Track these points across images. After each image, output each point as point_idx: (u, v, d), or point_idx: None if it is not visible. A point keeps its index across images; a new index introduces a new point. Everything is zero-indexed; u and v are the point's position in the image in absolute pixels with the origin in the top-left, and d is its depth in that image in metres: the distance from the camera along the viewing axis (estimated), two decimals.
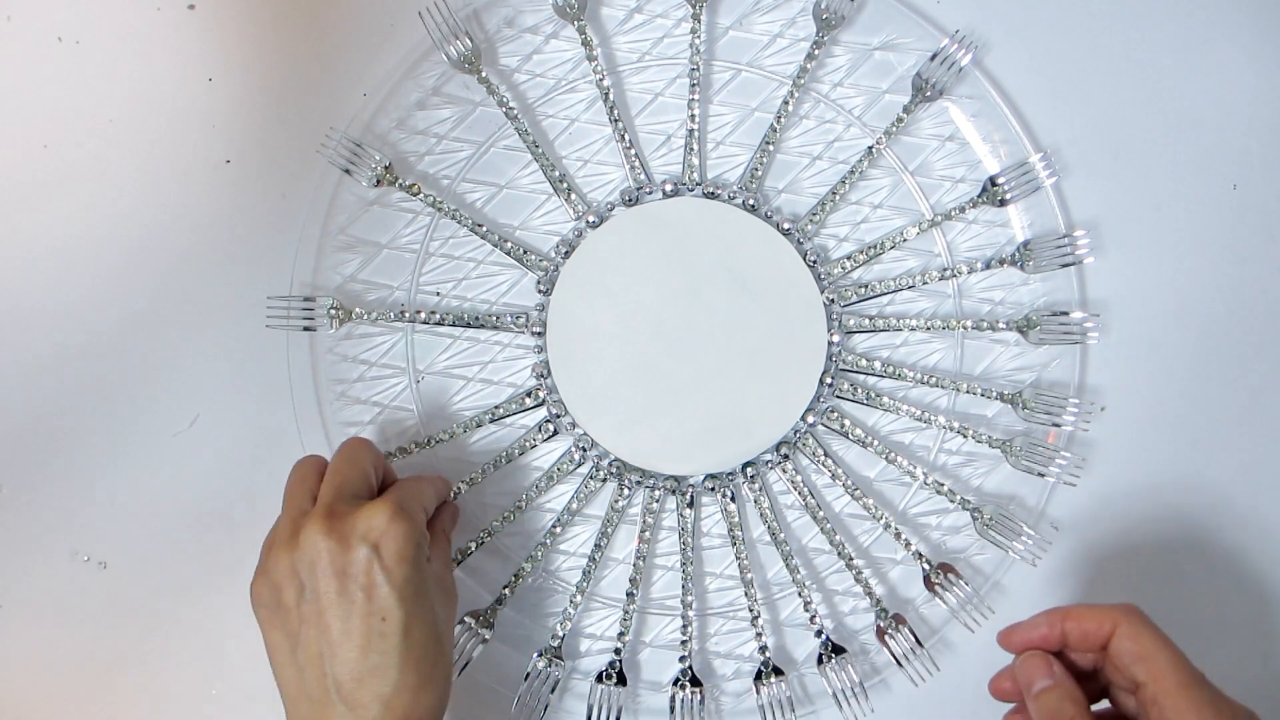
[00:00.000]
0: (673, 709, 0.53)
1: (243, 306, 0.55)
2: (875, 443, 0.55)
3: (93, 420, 0.55)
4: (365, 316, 0.54)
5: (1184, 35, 0.58)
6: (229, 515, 0.55)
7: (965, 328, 0.56)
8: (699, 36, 0.56)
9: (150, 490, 0.55)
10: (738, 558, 0.54)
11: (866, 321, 0.56)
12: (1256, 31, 0.59)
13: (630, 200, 0.56)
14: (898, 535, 0.54)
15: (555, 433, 0.55)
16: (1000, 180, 0.56)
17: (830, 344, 0.55)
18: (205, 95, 0.57)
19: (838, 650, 0.53)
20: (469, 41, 0.55)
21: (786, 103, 0.56)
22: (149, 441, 0.55)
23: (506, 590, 0.54)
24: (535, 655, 0.53)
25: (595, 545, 0.54)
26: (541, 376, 0.55)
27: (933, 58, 0.56)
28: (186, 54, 0.57)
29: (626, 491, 0.55)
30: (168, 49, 0.57)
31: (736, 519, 0.55)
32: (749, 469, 0.55)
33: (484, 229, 0.55)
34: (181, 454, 0.55)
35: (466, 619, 0.53)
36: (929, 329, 0.56)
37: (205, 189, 0.56)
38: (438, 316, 0.55)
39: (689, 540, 0.54)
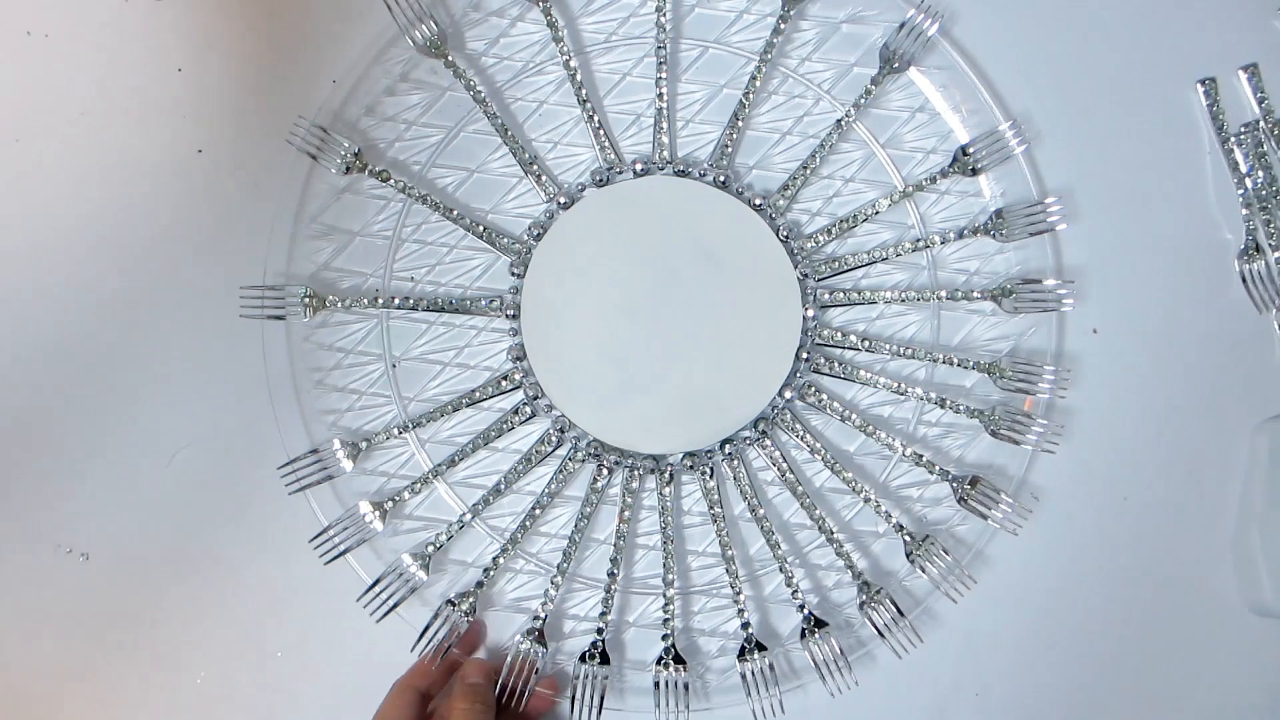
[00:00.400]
0: (657, 686, 0.53)
1: (218, 295, 0.55)
2: (854, 416, 0.55)
3: (72, 412, 0.56)
4: (339, 304, 0.54)
5: None
6: (210, 505, 0.55)
7: (940, 298, 0.56)
8: (665, 15, 0.55)
9: (131, 482, 0.55)
10: (719, 535, 0.54)
11: (841, 295, 0.56)
12: None
13: (601, 181, 0.55)
14: (878, 508, 0.54)
15: (533, 415, 0.55)
16: (971, 150, 0.56)
17: (805, 319, 0.55)
18: (175, 86, 0.57)
19: (820, 624, 0.53)
20: (434, 26, 0.55)
21: (754, 79, 0.56)
22: (129, 433, 0.55)
23: (488, 573, 0.54)
24: (518, 638, 0.53)
25: (575, 527, 0.54)
26: (517, 359, 0.55)
27: (899, 29, 0.56)
28: (156, 45, 0.57)
29: (605, 472, 0.55)
30: (137, 40, 0.57)
31: (716, 496, 0.55)
32: (727, 446, 0.55)
33: (455, 214, 0.55)
34: (161, 444, 0.55)
35: (449, 603, 0.53)
36: (904, 301, 0.56)
37: (177, 179, 0.56)
38: (411, 302, 0.55)
39: (669, 519, 0.54)
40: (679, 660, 0.53)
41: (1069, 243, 0.57)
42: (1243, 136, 0.58)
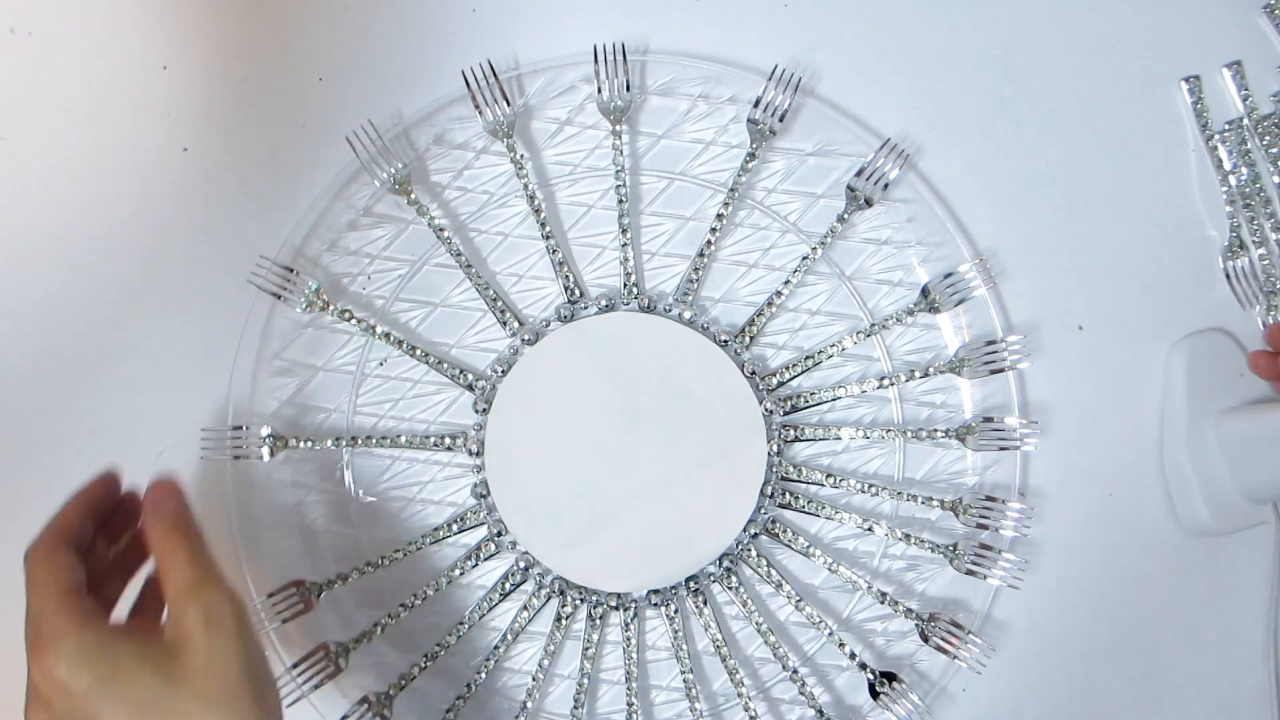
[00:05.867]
0: None
1: (204, 293, 0.55)
2: (818, 553, 0.55)
3: (57, 410, 0.55)
4: (302, 444, 0.54)
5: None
6: (196, 504, 0.55)
7: (905, 435, 0.56)
8: (621, 153, 0.55)
9: None
10: (682, 671, 0.54)
11: (806, 430, 0.56)
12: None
13: (566, 316, 0.55)
14: (841, 645, 0.54)
15: (496, 551, 0.55)
16: (932, 290, 0.55)
17: (770, 454, 0.55)
18: (161, 83, 0.56)
19: None
20: (398, 163, 0.55)
21: (720, 215, 0.56)
22: (114, 431, 0.55)
23: (451, 714, 0.54)
24: None
25: (539, 665, 0.54)
26: (481, 496, 0.55)
27: (859, 173, 0.56)
28: (141, 42, 0.56)
29: (570, 608, 0.55)
30: (122, 37, 0.56)
31: (680, 632, 0.54)
32: (692, 583, 0.55)
33: (418, 351, 0.55)
34: (147, 442, 0.55)
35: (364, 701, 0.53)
36: (868, 437, 0.56)
37: (163, 177, 0.56)
38: (374, 441, 0.54)
39: (633, 655, 0.54)
40: None
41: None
42: (1227, 134, 0.58)
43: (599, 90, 0.55)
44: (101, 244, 0.56)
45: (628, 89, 0.55)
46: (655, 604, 0.55)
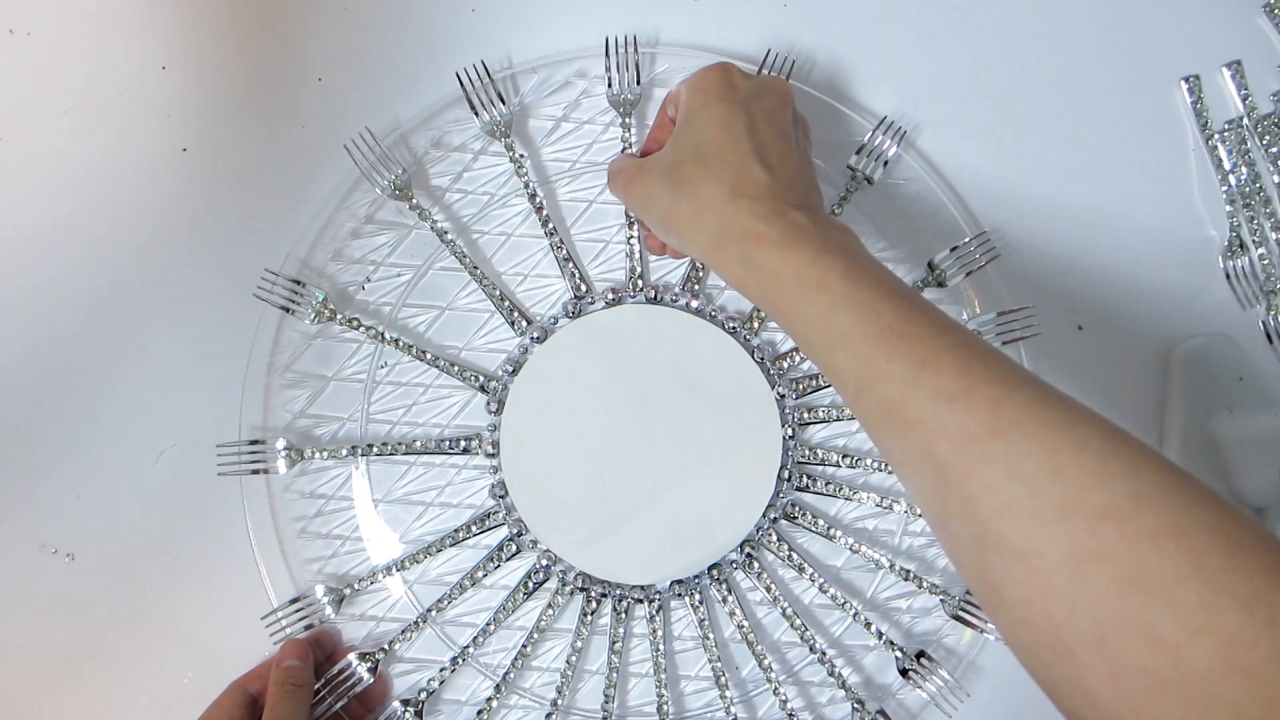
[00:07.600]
0: None
1: (204, 293, 0.56)
2: (839, 534, 0.55)
3: (56, 411, 0.55)
4: (318, 455, 0.54)
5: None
6: (195, 504, 0.55)
7: None
8: (630, 145, 0.55)
9: (117, 481, 0.55)
10: (710, 660, 0.54)
11: (820, 412, 0.56)
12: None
13: (573, 312, 0.55)
14: (867, 625, 0.54)
15: (518, 551, 0.55)
16: (937, 264, 0.55)
17: (785, 439, 0.55)
18: (159, 83, 0.56)
19: None
20: (398, 169, 0.55)
21: None
22: (114, 432, 0.55)
23: (482, 714, 0.54)
24: None
25: (567, 661, 0.54)
26: (499, 497, 0.55)
27: (859, 150, 0.56)
28: (139, 43, 0.56)
29: (594, 604, 0.55)
30: (120, 38, 0.56)
31: (706, 621, 0.55)
32: (715, 571, 0.55)
33: (428, 355, 0.55)
34: (146, 444, 0.55)
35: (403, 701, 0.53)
36: None
37: (163, 177, 0.56)
38: (389, 449, 0.54)
39: (660, 646, 0.54)
40: None
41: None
42: (1226, 134, 0.58)
43: (609, 84, 0.55)
44: (100, 244, 0.56)
45: (639, 82, 0.55)
46: (679, 595, 0.55)
